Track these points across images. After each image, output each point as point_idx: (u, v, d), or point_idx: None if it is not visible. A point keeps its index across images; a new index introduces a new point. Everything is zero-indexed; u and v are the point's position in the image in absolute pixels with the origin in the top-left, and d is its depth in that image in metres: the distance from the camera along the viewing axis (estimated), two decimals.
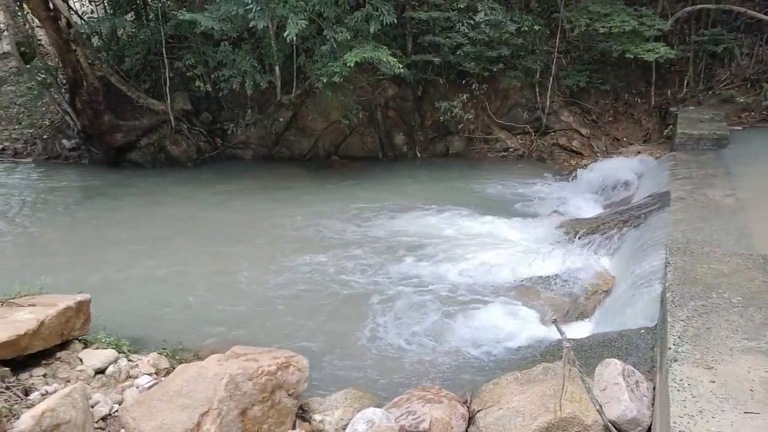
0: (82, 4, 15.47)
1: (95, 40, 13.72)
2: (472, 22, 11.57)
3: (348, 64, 9.69)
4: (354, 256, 7.42)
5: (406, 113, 12.84)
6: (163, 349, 4.91)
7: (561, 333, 3.88)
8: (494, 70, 11.95)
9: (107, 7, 14.30)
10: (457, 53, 11.66)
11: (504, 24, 11.35)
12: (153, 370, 4.41)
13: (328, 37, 10.15)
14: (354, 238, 8.11)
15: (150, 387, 4.07)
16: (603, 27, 10.65)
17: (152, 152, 12.76)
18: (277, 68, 11.62)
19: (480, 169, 11.76)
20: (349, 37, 10.11)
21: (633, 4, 11.52)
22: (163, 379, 4.20)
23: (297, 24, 9.40)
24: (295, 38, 9.70)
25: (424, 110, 12.87)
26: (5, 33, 16.65)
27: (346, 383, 4.53)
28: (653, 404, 3.28)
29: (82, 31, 12.35)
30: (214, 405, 3.48)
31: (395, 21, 10.23)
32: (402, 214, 9.04)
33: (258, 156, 13.14)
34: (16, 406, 3.56)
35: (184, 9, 11.07)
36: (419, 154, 12.85)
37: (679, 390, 2.65)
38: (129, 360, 4.55)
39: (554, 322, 4.07)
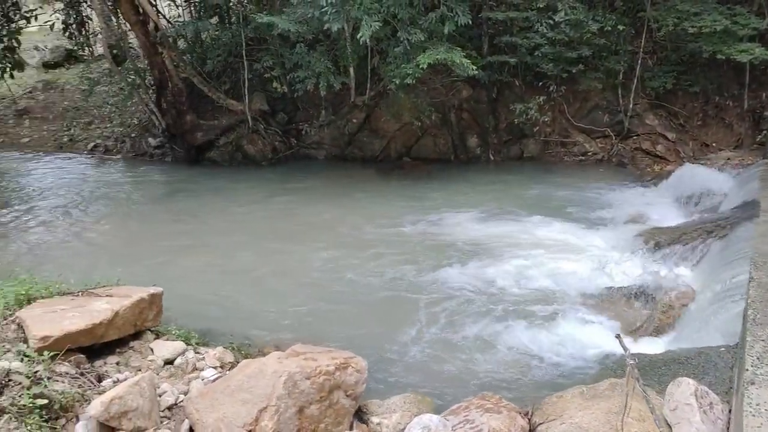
0: (170, 9, 16.17)
1: (180, 43, 14.29)
2: (551, 21, 11.27)
3: (421, 66, 9.64)
4: (421, 259, 7.35)
5: (480, 115, 12.65)
6: (230, 343, 5.01)
7: (624, 348, 3.67)
8: (573, 71, 11.58)
9: (193, 12, 14.88)
10: (535, 54, 11.39)
11: (585, 23, 10.99)
12: (218, 364, 4.50)
13: (401, 39, 10.13)
14: (422, 241, 8.05)
15: (214, 380, 4.15)
16: (692, 26, 10.10)
17: (230, 151, 13.17)
18: (351, 70, 11.72)
19: (556, 173, 11.43)
20: (422, 39, 10.05)
21: (726, 2, 10.84)
22: (227, 373, 4.28)
23: (371, 26, 9.43)
24: (368, 40, 9.74)
25: (499, 112, 12.64)
26: (99, 36, 17.67)
27: (405, 387, 4.47)
28: (728, 429, 3.04)
29: (169, 34, 12.89)
30: (273, 402, 3.51)
31: (470, 22, 10.08)
32: (473, 217, 8.89)
33: (331, 156, 13.31)
34: (88, 392, 3.71)
35: (264, 12, 11.35)
36: (492, 157, 12.63)
37: (754, 415, 2.44)
38: (196, 352, 4.67)
39: (617, 337, 3.86)
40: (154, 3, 13.58)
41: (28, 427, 2.94)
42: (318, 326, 5.73)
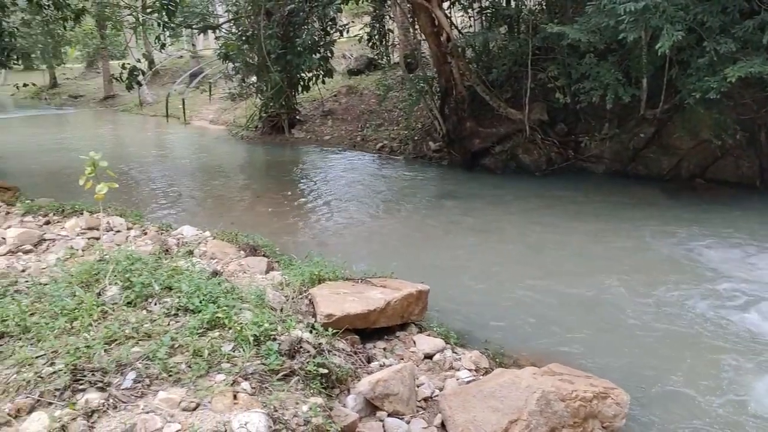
0: (462, 20, 16.93)
1: (468, 53, 14.87)
2: None
3: (728, 79, 8.57)
4: (707, 293, 6.53)
5: None
6: (486, 349, 5.08)
7: None
8: None
9: (483, 21, 15.37)
10: None
11: None
12: (473, 367, 4.59)
13: (708, 49, 9.12)
14: (718, 275, 7.11)
15: (468, 382, 4.25)
16: None
17: (504, 159, 13.32)
18: (644, 81, 10.95)
19: None
20: (734, 49, 8.92)
21: None
22: (481, 377, 4.35)
23: (672, 35, 8.67)
24: (668, 50, 8.98)
25: None
26: (397, 46, 19.29)
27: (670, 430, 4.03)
28: None
29: (459, 44, 13.51)
30: (524, 416, 3.47)
31: None
32: None
33: (610, 171, 12.59)
34: (359, 370, 4.09)
35: (555, 21, 11.21)
36: None
37: None
38: (454, 352, 4.82)
39: None
40: (449, 15, 14.37)
41: (311, 390, 3.34)
42: (578, 349, 5.47)
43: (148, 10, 15.00)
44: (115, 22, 26.41)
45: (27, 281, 4.65)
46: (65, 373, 3.00)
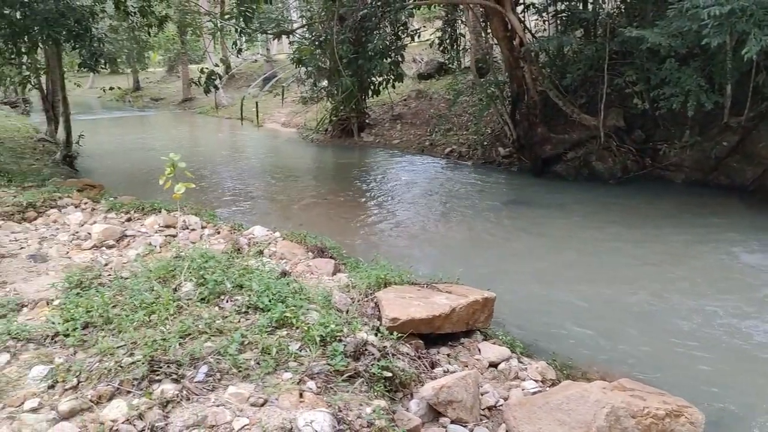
0: (537, 23, 16.66)
1: (542, 57, 14.61)
2: None
3: None
4: None
5: None
6: (553, 360, 4.97)
7: None
8: None
9: (558, 25, 15.07)
10: None
11: None
12: (539, 378, 4.50)
13: None
14: None
15: (534, 393, 4.17)
16: None
17: (576, 166, 12.99)
18: (728, 87, 10.44)
19: None
20: None
21: None
22: (547, 389, 4.26)
23: (761, 39, 8.23)
24: (755, 55, 8.53)
25: None
26: (468, 51, 19.18)
27: None
28: None
29: (532, 49, 13.29)
30: (592, 431, 3.37)
31: None
32: None
33: (689, 181, 12.06)
34: (422, 375, 4.08)
35: (634, 25, 10.86)
36: None
37: None
38: (519, 362, 4.74)
39: None
40: (522, 19, 14.16)
41: (375, 393, 3.37)
42: (647, 363, 5.27)
43: (227, 17, 15.52)
44: (196, 28, 27.52)
45: (109, 275, 4.90)
46: (143, 363, 3.14)
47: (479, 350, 4.77)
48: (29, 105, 30.48)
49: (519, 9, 14.53)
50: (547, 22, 16.19)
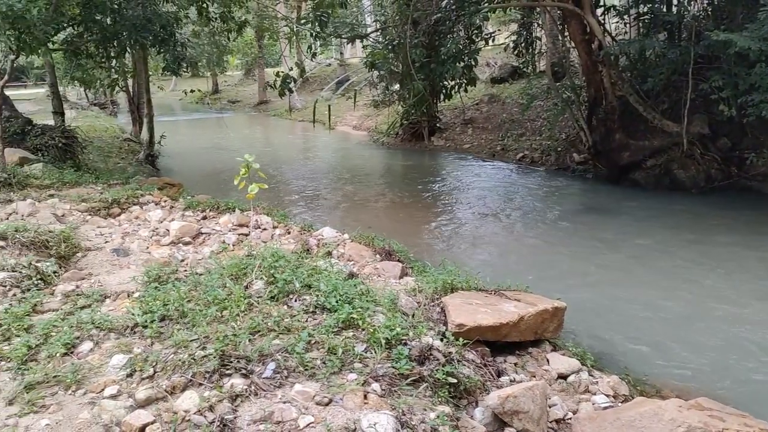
0: (617, 27, 16.15)
1: (622, 61, 14.14)
2: None
3: None
4: None
5: None
6: (625, 375, 4.78)
7: None
8: None
9: (640, 28, 14.54)
10: None
11: None
12: (611, 393, 4.34)
13: None
14: None
15: (605, 408, 4.03)
16: None
17: (656, 174, 12.47)
18: None
19: None
20: None
21: None
22: (619, 404, 4.11)
23: None
24: None
25: None
26: (544, 54, 18.81)
27: None
28: None
29: (612, 52, 12.88)
30: None
31: None
32: None
33: None
34: (488, 383, 4.01)
35: (721, 28, 10.34)
36: None
37: None
38: (590, 375, 4.59)
39: None
40: (602, 21, 13.76)
41: (439, 398, 3.34)
42: (731, 384, 5.00)
43: (303, 21, 15.87)
44: (273, 32, 28.27)
45: (185, 270, 5.09)
46: (215, 357, 3.24)
47: (548, 361, 4.65)
48: (117, 106, 32.24)
49: (599, 11, 14.12)
50: (628, 25, 15.66)
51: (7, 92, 12.05)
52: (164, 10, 12.64)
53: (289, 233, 6.82)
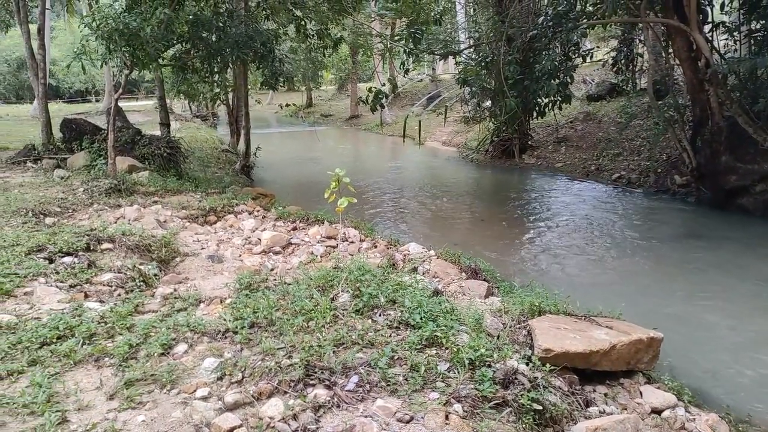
0: (726, 44, 15.29)
1: (731, 80, 13.35)
2: None
3: None
4: None
5: None
6: (726, 413, 4.46)
7: None
8: None
9: (752, 46, 13.69)
10: None
11: None
12: (709, 431, 4.06)
13: None
14: None
15: None
16: None
17: (766, 200, 11.63)
18: None
19: None
20: None
21: None
22: None
23: None
24: None
25: None
26: (645, 72, 18.07)
27: None
28: None
29: (720, 71, 12.19)
30: None
31: None
32: None
33: None
34: (575, 413, 3.85)
35: None
36: None
37: None
38: (687, 411, 4.31)
39: None
40: (710, 39, 13.07)
41: (523, 425, 3.24)
42: None
43: (397, 38, 16.07)
44: (367, 49, 28.85)
45: (275, 279, 5.24)
46: (300, 366, 3.30)
47: (641, 393, 4.42)
48: (217, 119, 33.92)
49: (706, 28, 13.42)
50: (738, 42, 14.77)
51: (120, 104, 12.94)
52: (265, 28, 13.21)
53: (375, 247, 6.88)
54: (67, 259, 5.26)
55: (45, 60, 12.65)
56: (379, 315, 4.22)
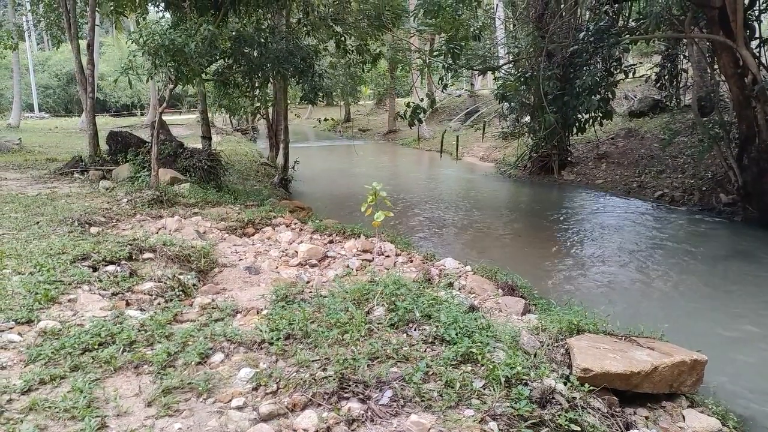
0: None
1: None
2: None
3: None
4: None
5: None
6: None
7: None
8: None
9: None
10: None
11: None
12: None
13: None
14: None
15: None
16: None
17: None
18: None
19: None
20: None
21: None
22: None
23: None
24: None
25: None
26: (690, 88, 17.69)
27: None
28: None
29: (767, 87, 11.87)
30: None
31: None
32: None
33: None
34: None
35: None
36: None
37: None
38: None
39: None
40: (757, 54, 12.74)
41: None
42: None
43: (435, 54, 16.12)
44: (405, 64, 29.00)
45: (310, 292, 5.26)
46: (334, 379, 3.30)
47: (683, 417, 4.28)
48: (257, 132, 34.49)
49: (753, 43, 13.09)
50: None
51: (164, 118, 13.26)
52: (305, 44, 13.40)
53: (411, 261, 6.87)
54: (110, 268, 5.38)
55: (93, 74, 13.06)
56: (414, 330, 4.19)
